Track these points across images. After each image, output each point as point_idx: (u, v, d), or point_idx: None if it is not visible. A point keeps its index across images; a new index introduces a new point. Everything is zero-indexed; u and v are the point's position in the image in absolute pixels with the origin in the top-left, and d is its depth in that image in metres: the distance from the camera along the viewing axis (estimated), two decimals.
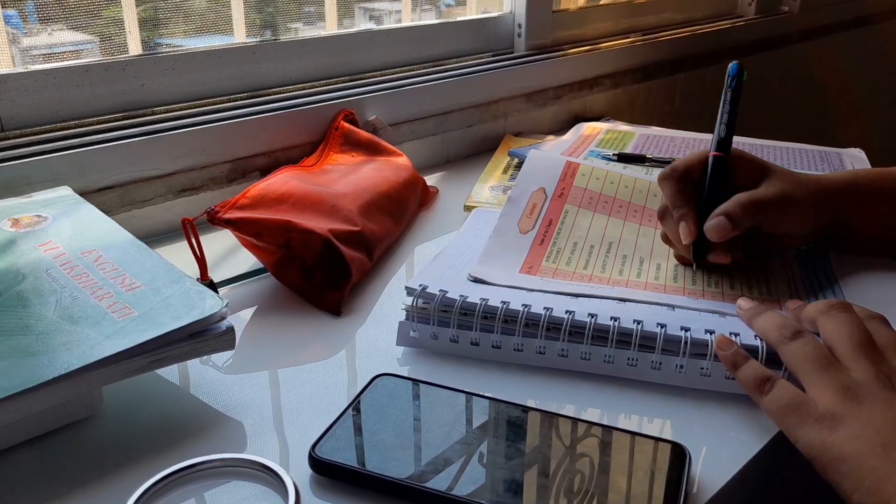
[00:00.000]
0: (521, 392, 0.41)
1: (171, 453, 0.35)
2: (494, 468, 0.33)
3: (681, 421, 0.39)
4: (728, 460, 0.36)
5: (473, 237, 0.53)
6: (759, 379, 0.37)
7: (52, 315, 0.37)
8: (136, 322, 0.36)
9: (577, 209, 0.55)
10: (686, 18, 1.14)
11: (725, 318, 0.43)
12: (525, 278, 0.47)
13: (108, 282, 0.40)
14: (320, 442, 0.34)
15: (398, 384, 0.39)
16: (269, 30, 0.74)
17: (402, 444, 0.34)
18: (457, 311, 0.43)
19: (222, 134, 0.61)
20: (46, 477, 0.34)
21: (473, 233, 0.54)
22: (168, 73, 0.62)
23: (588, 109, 0.95)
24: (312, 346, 0.45)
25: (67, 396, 0.34)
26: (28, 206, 0.49)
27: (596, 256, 0.50)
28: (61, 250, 0.43)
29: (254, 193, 0.52)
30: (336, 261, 0.49)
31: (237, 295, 0.51)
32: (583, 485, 0.32)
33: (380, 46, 0.76)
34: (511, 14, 0.88)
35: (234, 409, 0.39)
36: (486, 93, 0.81)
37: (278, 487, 0.33)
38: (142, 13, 0.63)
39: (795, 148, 0.76)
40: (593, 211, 0.55)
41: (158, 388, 0.41)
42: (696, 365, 0.40)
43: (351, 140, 0.67)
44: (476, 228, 0.55)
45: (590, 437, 0.36)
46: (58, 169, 0.54)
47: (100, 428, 0.37)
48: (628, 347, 0.41)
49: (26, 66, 0.57)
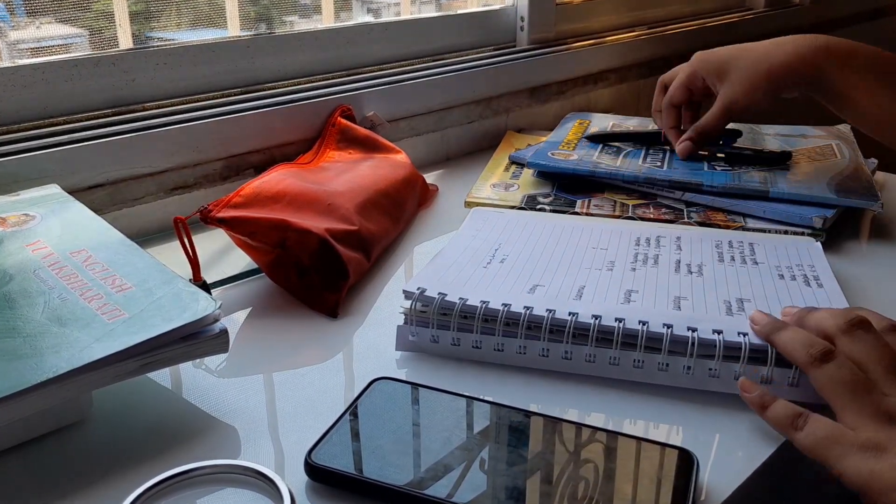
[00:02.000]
0: (523, 396, 0.40)
1: (162, 459, 0.35)
2: (496, 475, 0.33)
3: (688, 426, 0.38)
4: (737, 467, 0.35)
5: (472, 237, 0.52)
6: (792, 417, 0.36)
7: (39, 317, 0.36)
8: (127, 324, 0.36)
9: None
10: (693, 11, 1.13)
11: (733, 317, 0.42)
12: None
13: (98, 283, 0.39)
14: (316, 448, 0.34)
15: (397, 388, 0.38)
16: (264, 23, 0.73)
17: (400, 450, 0.34)
18: (457, 315, 0.42)
19: (216, 130, 0.60)
20: (34, 484, 0.34)
21: (472, 233, 0.53)
22: (160, 68, 0.61)
23: (592, 105, 0.94)
24: (308, 349, 0.45)
25: (56, 401, 0.33)
26: (15, 204, 0.48)
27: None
28: (50, 250, 0.42)
29: (248, 192, 0.51)
30: (333, 261, 0.49)
31: (231, 296, 0.50)
32: (587, 492, 0.32)
33: (378, 40, 0.75)
34: (513, 7, 0.87)
35: (227, 414, 0.38)
36: (487, 88, 0.80)
37: (273, 494, 0.32)
38: (132, 6, 0.62)
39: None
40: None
41: (150, 393, 0.40)
42: (704, 366, 0.40)
43: (348, 137, 0.66)
44: (475, 228, 0.54)
45: (594, 443, 0.35)
46: (46, 166, 0.53)
47: (89, 433, 0.37)
48: (634, 349, 0.40)
49: (13, 60, 0.56)
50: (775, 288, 0.46)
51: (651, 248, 0.52)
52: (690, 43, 1.05)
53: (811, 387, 0.38)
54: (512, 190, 0.65)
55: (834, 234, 0.58)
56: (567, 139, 0.73)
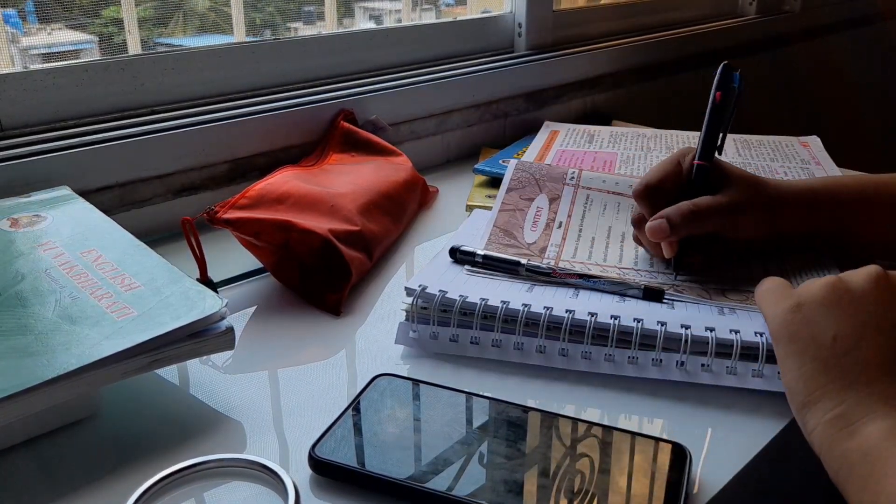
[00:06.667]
0: (521, 392, 0.41)
1: (170, 454, 0.35)
2: (494, 468, 0.33)
3: (681, 421, 0.39)
4: (729, 461, 0.36)
5: (471, 237, 0.53)
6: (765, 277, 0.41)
7: (51, 315, 0.37)
8: (136, 322, 0.36)
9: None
10: (687, 18, 1.14)
11: (725, 315, 0.43)
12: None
13: (108, 282, 0.40)
14: (320, 442, 0.34)
15: (398, 384, 0.39)
16: (269, 29, 0.73)
17: (401, 445, 0.34)
18: (457, 311, 0.43)
19: (222, 134, 0.61)
20: (45, 478, 0.34)
21: (472, 232, 0.54)
22: (167, 73, 0.62)
23: (588, 109, 0.95)
24: (312, 346, 0.45)
25: (66, 397, 0.33)
26: (27, 205, 0.49)
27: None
28: (60, 250, 0.43)
29: (253, 193, 0.52)
30: (335, 261, 0.49)
31: (236, 295, 0.51)
32: (583, 485, 0.32)
33: (380, 46, 0.76)
34: (511, 13, 0.88)
35: (233, 410, 0.39)
36: (486, 92, 0.81)
37: (278, 488, 0.33)
38: (141, 13, 0.63)
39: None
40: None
41: (158, 389, 0.41)
42: (698, 362, 0.40)
43: (351, 140, 0.66)
44: (475, 228, 0.55)
45: (590, 438, 0.35)
46: (57, 169, 0.53)
47: (99, 428, 0.37)
48: (629, 346, 0.41)
49: (26, 65, 0.57)
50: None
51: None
52: (684, 48, 1.06)
53: None
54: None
55: None
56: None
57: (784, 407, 0.39)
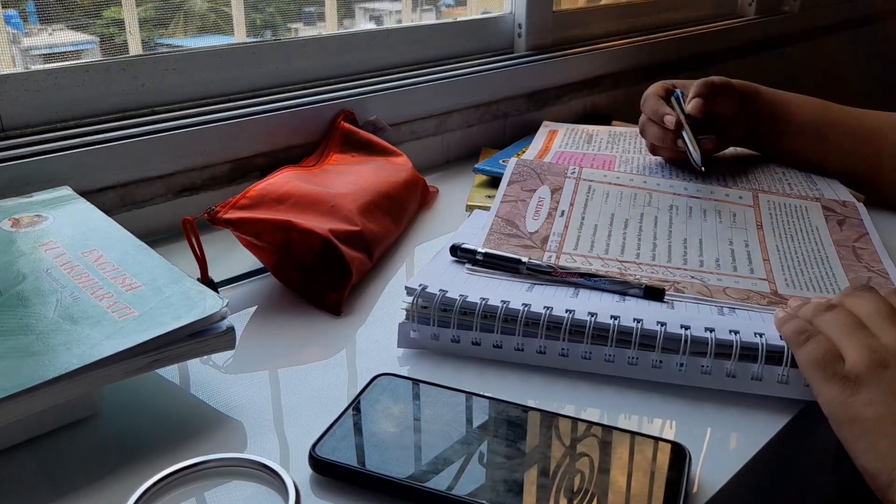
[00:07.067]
0: (521, 392, 0.41)
1: (171, 453, 0.35)
2: (494, 468, 0.33)
3: (681, 421, 0.39)
4: (728, 460, 0.36)
5: (472, 237, 0.53)
6: (799, 332, 0.38)
7: (52, 315, 0.37)
8: (137, 322, 0.36)
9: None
10: (687, 18, 1.14)
11: (725, 316, 0.43)
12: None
13: (109, 281, 0.40)
14: (320, 442, 0.34)
15: (398, 384, 0.39)
16: (270, 30, 0.74)
17: (402, 444, 0.35)
18: (457, 311, 0.43)
19: (223, 134, 0.61)
20: (46, 477, 0.34)
21: (472, 232, 0.54)
22: (168, 74, 0.62)
23: (588, 109, 0.95)
24: (312, 346, 0.45)
25: (68, 396, 0.34)
26: (28, 205, 0.49)
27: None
28: (61, 250, 0.43)
29: (254, 193, 0.52)
30: (336, 261, 0.49)
31: (237, 295, 0.51)
32: (583, 484, 0.32)
33: (380, 47, 0.76)
34: (511, 14, 0.88)
35: (234, 409, 0.39)
36: (486, 93, 0.81)
37: (278, 487, 0.33)
38: (142, 13, 0.63)
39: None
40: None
41: (158, 388, 0.41)
42: (697, 363, 0.40)
43: (351, 140, 0.67)
44: (475, 228, 0.55)
45: (590, 437, 0.36)
46: (58, 169, 0.54)
47: (100, 428, 0.37)
48: (629, 346, 0.41)
49: (27, 66, 0.57)
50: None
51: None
52: (684, 49, 1.06)
53: (799, 385, 0.39)
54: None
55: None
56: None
57: (784, 407, 0.39)
